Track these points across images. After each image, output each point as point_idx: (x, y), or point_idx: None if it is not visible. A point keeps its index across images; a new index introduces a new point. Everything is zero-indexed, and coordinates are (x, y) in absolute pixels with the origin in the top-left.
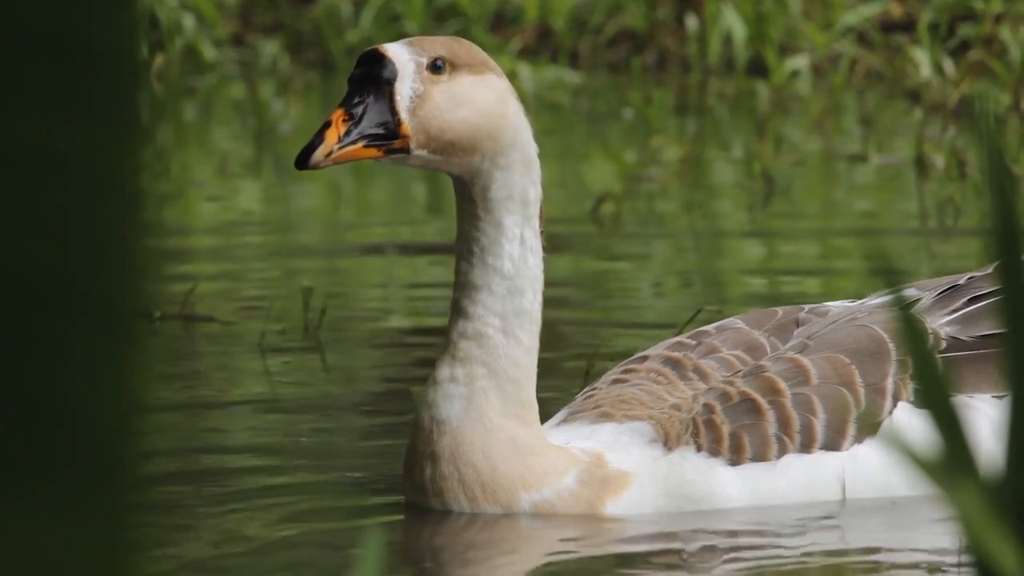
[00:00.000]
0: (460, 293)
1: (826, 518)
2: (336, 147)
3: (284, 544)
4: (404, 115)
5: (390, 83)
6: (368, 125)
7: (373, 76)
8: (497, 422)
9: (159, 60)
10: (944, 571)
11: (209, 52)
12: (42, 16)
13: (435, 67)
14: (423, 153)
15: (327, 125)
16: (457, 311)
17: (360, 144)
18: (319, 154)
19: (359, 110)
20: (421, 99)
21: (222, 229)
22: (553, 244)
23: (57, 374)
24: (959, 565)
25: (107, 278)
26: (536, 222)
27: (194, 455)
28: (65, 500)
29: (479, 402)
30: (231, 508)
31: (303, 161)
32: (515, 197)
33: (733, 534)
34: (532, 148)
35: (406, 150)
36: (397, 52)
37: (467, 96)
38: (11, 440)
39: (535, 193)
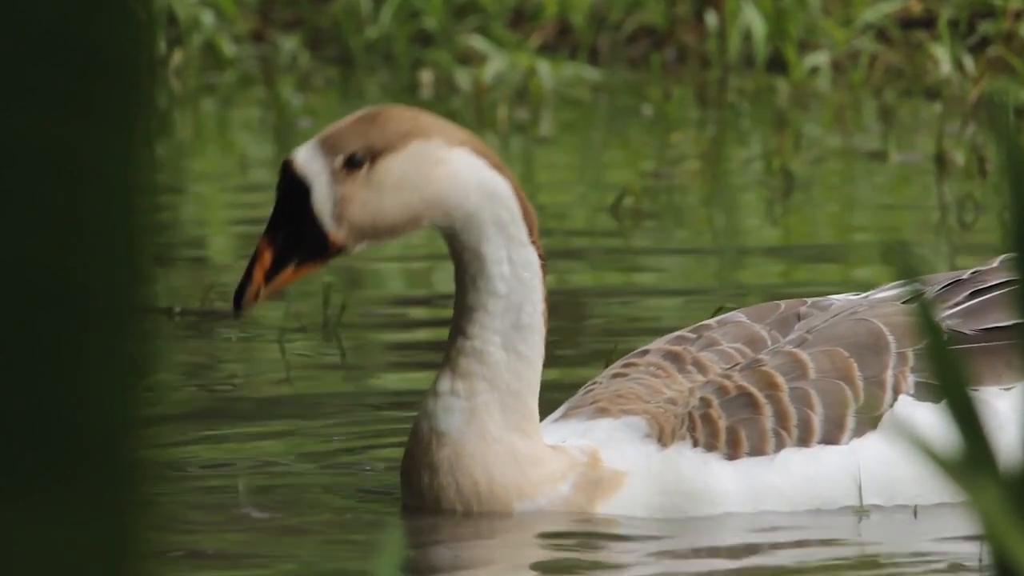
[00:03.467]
0: (459, 313)
1: (824, 513)
2: (263, 286)
3: (297, 541)
4: (330, 225)
5: (306, 198)
6: (295, 248)
7: (289, 193)
8: (497, 435)
9: (177, 56)
10: (945, 569)
11: (228, 48)
12: (50, 12)
13: (351, 163)
14: (364, 246)
15: (254, 260)
16: (457, 329)
17: (291, 269)
18: (248, 296)
19: (283, 232)
20: (343, 202)
21: (242, 224)
22: (571, 240)
23: (63, 375)
24: (977, 562)
25: (114, 277)
26: (522, 235)
27: (208, 452)
28: (72, 502)
29: (481, 415)
30: (245, 505)
31: (236, 305)
32: (486, 229)
33: (725, 531)
34: (490, 180)
35: (344, 251)
36: (306, 162)
37: (391, 182)
38: (18, 441)
39: (509, 215)
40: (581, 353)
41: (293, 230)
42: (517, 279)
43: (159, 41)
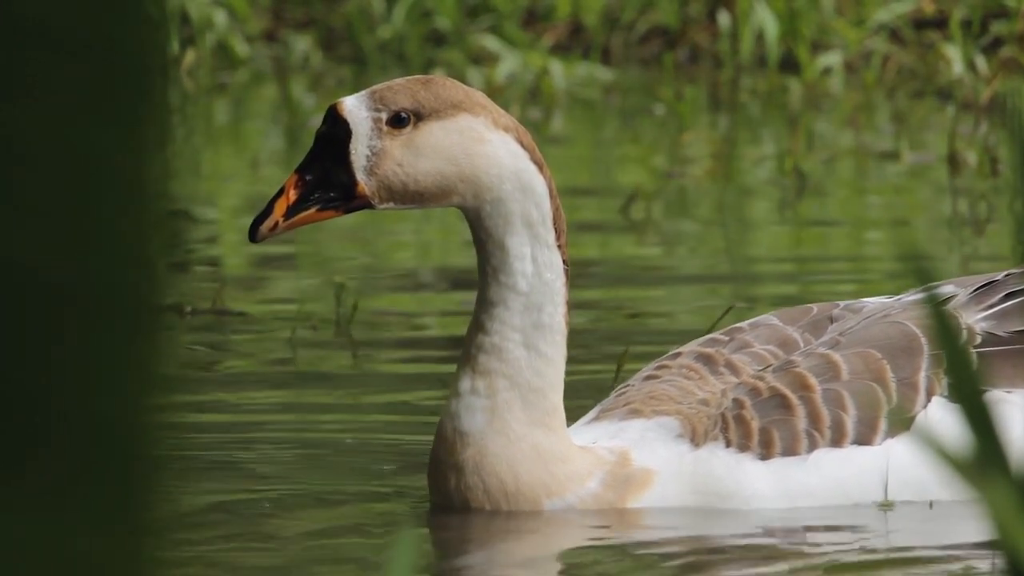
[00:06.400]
0: (479, 307)
1: (855, 514)
2: (282, 219)
3: (312, 540)
4: (360, 175)
5: (344, 143)
6: (322, 188)
7: (330, 135)
8: (520, 432)
9: (190, 56)
10: (974, 569)
11: (241, 48)
12: (65, 14)
13: (397, 120)
14: (390, 205)
15: (279, 194)
16: (476, 324)
17: (313, 209)
18: (264, 228)
19: (314, 173)
20: (379, 156)
21: None
22: (584, 240)
23: (78, 374)
24: (991, 563)
25: (129, 277)
26: (549, 237)
27: (221, 452)
28: (85, 500)
29: (503, 413)
30: (259, 505)
31: (252, 235)
32: (514, 221)
33: (756, 529)
34: (528, 173)
35: (368, 206)
36: (353, 108)
37: (430, 147)
38: (33, 440)
39: (538, 214)
40: (591, 353)
41: (324, 173)
42: (539, 279)
43: (172, 41)
